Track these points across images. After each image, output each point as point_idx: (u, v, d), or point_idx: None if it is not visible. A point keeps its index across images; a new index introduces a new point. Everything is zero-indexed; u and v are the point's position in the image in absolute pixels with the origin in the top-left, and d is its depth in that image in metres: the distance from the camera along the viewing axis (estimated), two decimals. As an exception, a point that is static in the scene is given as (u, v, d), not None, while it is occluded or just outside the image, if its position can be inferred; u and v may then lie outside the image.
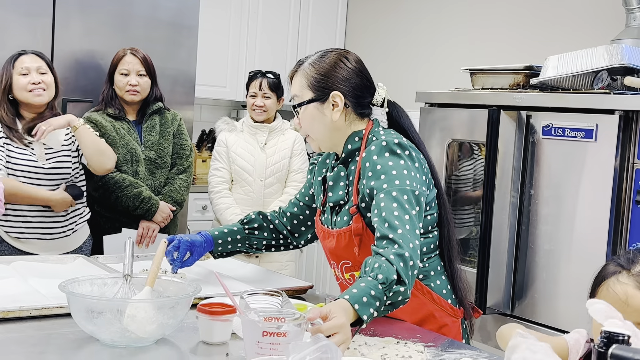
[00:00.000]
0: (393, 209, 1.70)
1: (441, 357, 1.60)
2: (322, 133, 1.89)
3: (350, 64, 1.88)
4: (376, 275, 1.61)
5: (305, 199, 2.12)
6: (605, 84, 2.82)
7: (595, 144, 2.68)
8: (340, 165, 1.91)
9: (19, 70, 2.76)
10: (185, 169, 3.28)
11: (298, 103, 1.89)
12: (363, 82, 1.88)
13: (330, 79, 1.85)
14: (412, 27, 4.81)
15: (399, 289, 1.61)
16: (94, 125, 3.07)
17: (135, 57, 3.13)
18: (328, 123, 1.87)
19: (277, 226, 2.16)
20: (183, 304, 1.58)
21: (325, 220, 1.95)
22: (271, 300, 1.75)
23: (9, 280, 1.96)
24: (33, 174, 2.75)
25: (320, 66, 1.86)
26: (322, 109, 1.86)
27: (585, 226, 2.72)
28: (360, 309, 1.55)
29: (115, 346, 1.53)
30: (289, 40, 5.01)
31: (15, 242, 2.76)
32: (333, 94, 1.84)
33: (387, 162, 1.76)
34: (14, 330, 1.61)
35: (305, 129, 1.91)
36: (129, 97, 3.12)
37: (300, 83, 1.88)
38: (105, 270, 2.11)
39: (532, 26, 4.04)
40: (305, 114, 1.88)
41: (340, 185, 1.90)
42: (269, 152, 3.51)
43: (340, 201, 1.89)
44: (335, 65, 1.86)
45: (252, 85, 3.51)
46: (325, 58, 1.87)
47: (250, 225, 2.15)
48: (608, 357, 0.98)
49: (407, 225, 1.68)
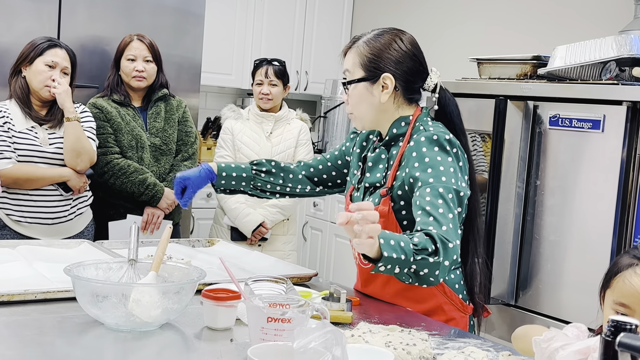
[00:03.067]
0: (439, 205, 1.67)
1: (445, 346, 1.60)
2: (369, 113, 1.87)
3: (405, 45, 1.84)
4: (412, 237, 1.60)
5: (336, 162, 2.11)
6: (613, 74, 2.80)
7: (602, 135, 2.66)
8: (382, 147, 1.89)
9: (47, 60, 2.79)
10: (190, 156, 3.27)
11: (349, 80, 1.86)
12: (416, 66, 1.85)
13: (383, 60, 1.82)
14: (419, 16, 4.79)
15: (429, 259, 1.58)
16: (99, 111, 3.06)
17: (142, 43, 3.13)
18: (376, 104, 1.84)
19: (292, 172, 2.13)
20: (188, 289, 1.58)
21: (356, 198, 1.93)
22: (276, 287, 1.75)
23: (13, 264, 1.96)
24: (37, 158, 2.76)
25: (374, 46, 1.83)
26: (372, 89, 1.84)
27: (591, 217, 2.71)
28: (385, 245, 1.52)
29: (120, 330, 1.54)
30: (295, 29, 4.99)
31: (17, 226, 2.77)
32: (384, 75, 1.82)
33: (436, 157, 1.74)
34: (19, 314, 1.61)
35: (352, 106, 1.89)
36: (135, 83, 3.12)
37: (353, 60, 1.85)
38: (110, 255, 2.11)
39: (540, 16, 4.02)
40: (353, 92, 1.86)
41: (379, 167, 1.88)
42: (274, 141, 3.51)
43: (377, 183, 1.87)
44: (389, 46, 1.82)
45: (258, 73, 3.50)
46: (381, 38, 1.84)
47: (258, 168, 2.12)
48: (616, 346, 0.97)
49: (451, 224, 1.66)
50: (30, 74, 2.79)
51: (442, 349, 1.57)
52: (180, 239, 2.56)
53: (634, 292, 1.39)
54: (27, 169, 2.74)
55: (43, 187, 2.79)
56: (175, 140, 3.22)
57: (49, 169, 2.79)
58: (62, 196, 2.83)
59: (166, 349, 1.51)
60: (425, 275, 1.61)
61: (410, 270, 1.59)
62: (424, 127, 1.81)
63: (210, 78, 4.46)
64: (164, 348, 1.51)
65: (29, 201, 2.78)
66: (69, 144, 2.81)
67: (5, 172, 2.68)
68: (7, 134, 2.72)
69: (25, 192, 2.77)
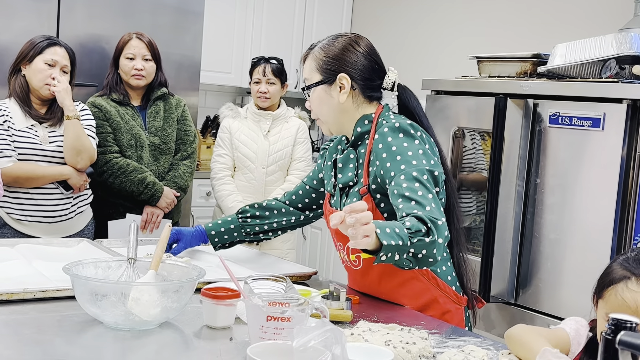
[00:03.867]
0: (416, 188, 1.70)
1: (445, 344, 1.59)
2: (330, 115, 1.91)
3: (360, 47, 1.89)
4: (404, 222, 1.61)
5: (313, 183, 2.15)
6: (613, 72, 2.80)
7: (602, 133, 2.66)
8: (349, 147, 1.93)
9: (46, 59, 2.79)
10: (189, 155, 3.27)
11: (307, 85, 1.92)
12: (372, 65, 1.89)
13: (338, 61, 1.87)
14: (419, 14, 4.78)
15: (425, 239, 1.60)
16: (98, 110, 3.06)
17: (141, 42, 3.12)
18: (335, 105, 1.89)
19: (276, 208, 2.18)
20: (187, 287, 1.58)
21: (335, 202, 1.97)
22: (275, 285, 1.74)
23: (12, 262, 1.96)
24: (37, 157, 2.76)
25: (329, 49, 1.88)
26: (330, 91, 1.88)
27: (591, 216, 2.71)
28: (382, 234, 1.52)
29: (119, 329, 1.53)
30: (295, 27, 4.99)
31: (18, 224, 2.77)
32: (340, 76, 1.86)
33: (402, 144, 1.78)
34: (18, 312, 1.61)
35: (314, 111, 1.94)
36: (134, 81, 3.11)
37: (310, 66, 1.91)
38: (109, 254, 2.10)
39: (540, 14, 4.01)
40: (314, 96, 1.91)
41: (349, 167, 1.91)
42: (272, 139, 3.50)
43: (350, 182, 1.90)
44: (344, 48, 1.88)
45: (256, 71, 3.49)
46: (335, 42, 1.90)
47: (243, 215, 2.19)
48: (616, 344, 0.97)
49: (433, 203, 1.68)
50: (30, 72, 2.79)
51: (442, 347, 1.57)
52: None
53: (626, 307, 1.38)
54: (28, 167, 2.74)
55: (43, 186, 2.78)
56: (174, 139, 3.22)
57: (50, 167, 2.78)
58: (62, 194, 2.83)
59: (165, 347, 1.51)
60: (424, 256, 1.62)
61: (409, 255, 1.60)
62: (386, 121, 1.85)
63: (209, 76, 4.46)
64: (163, 347, 1.51)
65: (29, 199, 2.78)
66: (69, 142, 2.80)
67: (6, 171, 2.67)
68: (7, 132, 2.72)
69: (26, 191, 2.76)
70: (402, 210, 1.68)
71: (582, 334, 1.51)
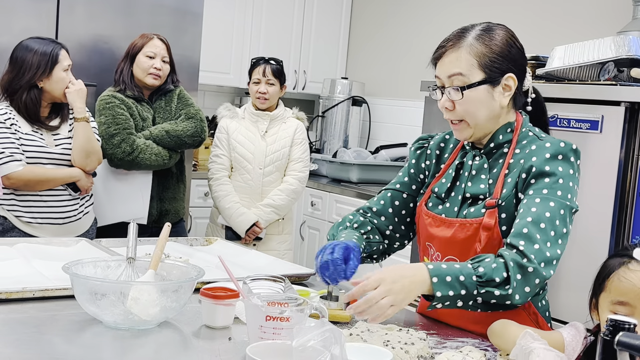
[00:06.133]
0: (543, 219, 1.55)
1: (443, 345, 1.60)
2: (484, 119, 1.67)
3: (518, 43, 1.70)
4: (477, 267, 1.51)
5: (411, 189, 1.88)
6: (611, 75, 2.81)
7: (600, 136, 2.67)
8: (483, 155, 1.73)
9: (64, 66, 2.78)
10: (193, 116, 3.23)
11: (468, 85, 1.64)
12: (525, 66, 1.70)
13: (506, 59, 1.65)
14: (418, 15, 4.79)
15: (495, 291, 1.49)
16: (121, 102, 3.06)
17: (163, 43, 3.17)
18: (496, 109, 1.67)
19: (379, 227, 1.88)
20: (186, 287, 1.58)
21: (446, 209, 1.74)
22: (274, 286, 1.75)
23: (12, 261, 1.96)
24: (44, 160, 2.76)
25: (493, 43, 1.65)
26: (493, 92, 1.65)
27: (589, 218, 2.71)
28: (437, 284, 1.46)
29: (118, 328, 1.54)
30: (294, 28, 4.99)
31: (27, 227, 2.76)
32: (507, 76, 1.65)
33: (557, 167, 1.61)
34: (17, 311, 1.61)
35: (463, 112, 1.67)
36: (150, 80, 3.12)
37: (467, 60, 1.64)
38: (108, 253, 2.11)
39: (539, 16, 4.02)
40: (471, 96, 1.64)
41: (481, 178, 1.71)
42: (269, 140, 3.50)
43: (481, 195, 1.69)
44: (509, 44, 1.67)
45: (256, 71, 3.49)
46: (494, 34, 1.66)
47: (364, 229, 1.86)
48: (614, 345, 0.97)
49: (549, 242, 1.55)
50: (51, 84, 2.76)
51: (440, 348, 1.58)
52: (179, 238, 2.56)
53: (632, 287, 1.39)
54: (38, 170, 2.74)
55: (52, 188, 2.79)
56: None
57: (59, 170, 2.79)
58: (70, 196, 2.84)
59: (164, 347, 1.51)
60: (496, 304, 1.52)
61: (477, 302, 1.52)
62: (534, 133, 1.68)
63: (208, 77, 4.46)
64: (162, 346, 1.51)
65: (39, 202, 2.78)
66: (79, 144, 2.82)
67: (17, 175, 2.67)
68: (14, 136, 2.71)
69: (35, 193, 2.76)
70: (510, 236, 1.56)
71: (578, 340, 1.51)
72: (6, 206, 2.75)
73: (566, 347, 1.49)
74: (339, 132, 4.95)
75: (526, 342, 1.38)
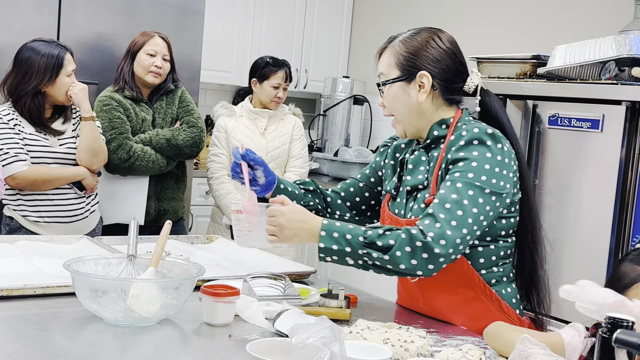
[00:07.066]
0: (448, 200, 1.61)
1: (443, 343, 1.60)
2: (406, 115, 1.79)
3: (443, 44, 1.77)
4: (367, 230, 1.61)
5: (370, 181, 2.00)
6: (612, 74, 2.81)
7: (601, 135, 2.67)
8: (422, 149, 1.81)
9: (68, 71, 2.77)
10: (195, 123, 3.21)
11: (383, 81, 1.79)
12: (455, 65, 1.78)
13: (420, 58, 1.75)
14: (419, 15, 4.79)
15: (374, 254, 1.60)
16: (118, 105, 3.06)
17: (164, 41, 3.16)
18: (413, 104, 1.76)
19: (329, 196, 2.02)
20: (187, 285, 1.59)
21: (397, 205, 1.83)
22: (274, 283, 1.75)
23: (13, 259, 1.96)
24: (49, 160, 2.77)
25: (411, 44, 1.76)
26: (408, 89, 1.76)
27: (590, 217, 2.71)
28: (324, 237, 1.62)
29: (119, 325, 1.54)
30: (295, 27, 5.00)
31: (35, 226, 2.77)
32: (420, 73, 1.74)
33: (472, 152, 1.66)
34: (18, 308, 1.62)
35: (388, 107, 1.81)
36: (151, 78, 3.12)
37: (387, 60, 1.79)
38: (109, 250, 2.11)
39: (540, 15, 4.02)
40: (389, 93, 1.78)
41: (420, 169, 1.79)
42: (269, 137, 3.50)
43: (419, 185, 1.78)
44: (426, 44, 1.76)
45: (277, 76, 3.47)
46: (417, 36, 1.78)
47: (305, 187, 2.02)
48: (612, 342, 0.98)
49: (453, 221, 1.59)
50: (54, 89, 2.75)
51: (440, 346, 1.58)
52: (179, 236, 2.56)
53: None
54: (43, 170, 2.74)
55: (58, 187, 2.80)
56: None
57: (65, 169, 2.80)
58: (76, 194, 2.85)
59: (165, 344, 1.52)
60: (392, 270, 1.61)
61: (367, 263, 1.62)
62: (466, 125, 1.72)
63: (209, 75, 4.46)
64: (162, 343, 1.52)
65: (45, 201, 2.78)
66: (86, 143, 2.82)
67: (22, 175, 2.68)
68: (18, 137, 2.71)
69: (41, 193, 2.77)
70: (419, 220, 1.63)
71: (578, 340, 1.50)
72: (13, 206, 2.77)
73: (566, 348, 1.49)
74: (340, 130, 4.95)
75: (525, 347, 1.38)
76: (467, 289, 1.73)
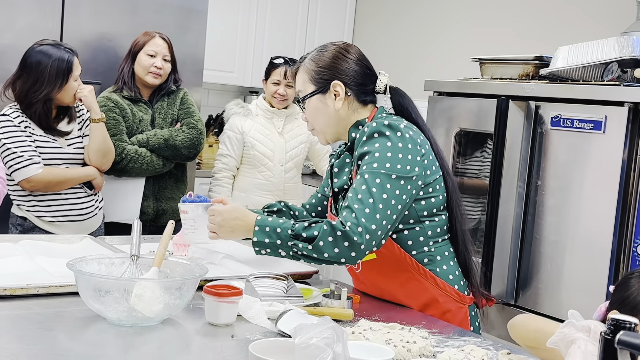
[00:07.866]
0: (359, 191, 1.73)
1: (445, 344, 1.61)
2: (327, 124, 1.92)
3: (350, 54, 1.91)
4: (295, 224, 1.76)
5: (324, 190, 2.15)
6: (615, 75, 2.81)
7: (603, 136, 2.67)
8: (346, 152, 1.94)
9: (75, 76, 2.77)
10: (193, 127, 3.20)
11: (302, 97, 1.93)
12: (363, 70, 1.91)
13: (330, 70, 1.89)
14: (422, 15, 4.79)
15: (299, 244, 1.74)
16: (115, 106, 3.06)
17: (165, 42, 3.16)
18: (332, 113, 1.90)
19: (299, 211, 2.17)
20: (190, 284, 1.59)
21: (332, 207, 1.99)
22: (277, 283, 1.76)
23: (16, 258, 1.97)
24: (59, 160, 2.79)
25: (320, 59, 1.90)
26: (325, 99, 1.90)
27: (592, 218, 2.71)
28: (258, 231, 1.78)
29: (122, 325, 1.54)
30: (298, 26, 5.00)
31: (50, 226, 2.79)
32: (333, 83, 1.87)
33: (374, 144, 1.78)
34: (21, 308, 1.62)
35: (311, 122, 1.95)
36: (151, 79, 3.11)
37: (302, 78, 1.93)
38: (112, 250, 2.11)
39: (543, 17, 4.02)
40: (309, 107, 1.92)
41: (345, 171, 1.92)
42: (287, 137, 3.51)
43: (344, 185, 1.91)
44: (334, 56, 1.90)
45: (276, 72, 3.48)
46: (324, 52, 1.92)
47: (269, 209, 2.16)
48: (615, 344, 0.98)
49: (367, 209, 1.71)
50: (63, 93, 2.75)
51: (442, 346, 1.58)
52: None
53: None
54: (57, 172, 2.77)
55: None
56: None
57: (77, 170, 2.83)
58: (86, 193, 2.89)
59: (167, 344, 1.52)
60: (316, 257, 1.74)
61: (297, 254, 1.76)
62: (374, 122, 1.83)
63: (212, 75, 4.46)
64: (165, 343, 1.52)
65: (59, 201, 2.81)
66: (96, 144, 2.85)
67: (37, 178, 2.70)
68: (30, 139, 2.72)
69: (54, 193, 2.80)
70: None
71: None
72: (25, 207, 2.78)
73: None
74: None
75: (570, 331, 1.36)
76: (402, 271, 1.86)
